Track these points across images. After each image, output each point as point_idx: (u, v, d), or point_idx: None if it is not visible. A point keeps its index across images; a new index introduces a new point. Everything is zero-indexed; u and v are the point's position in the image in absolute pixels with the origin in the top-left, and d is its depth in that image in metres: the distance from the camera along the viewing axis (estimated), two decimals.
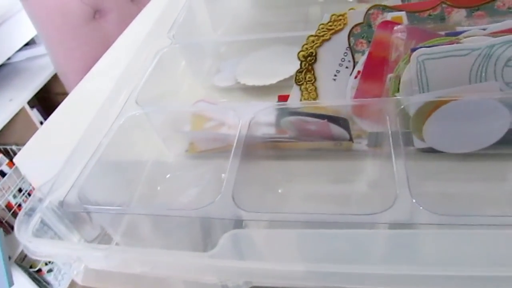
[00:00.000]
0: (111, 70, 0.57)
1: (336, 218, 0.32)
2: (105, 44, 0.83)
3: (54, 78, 1.48)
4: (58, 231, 0.39)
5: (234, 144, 0.40)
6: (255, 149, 0.45)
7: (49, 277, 1.43)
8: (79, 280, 0.40)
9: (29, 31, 1.44)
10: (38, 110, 1.60)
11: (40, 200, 0.39)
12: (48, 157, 0.54)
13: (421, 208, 0.31)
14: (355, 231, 0.32)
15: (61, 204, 0.37)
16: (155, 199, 0.48)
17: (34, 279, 1.38)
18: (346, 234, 0.33)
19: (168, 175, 0.51)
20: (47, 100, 1.64)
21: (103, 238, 0.45)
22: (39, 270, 1.41)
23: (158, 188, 0.50)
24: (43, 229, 0.38)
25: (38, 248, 0.36)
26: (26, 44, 1.55)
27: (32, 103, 1.50)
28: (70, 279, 1.45)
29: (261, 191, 0.46)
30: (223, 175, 0.39)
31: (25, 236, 0.36)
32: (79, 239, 0.42)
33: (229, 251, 0.33)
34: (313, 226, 0.34)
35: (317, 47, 0.51)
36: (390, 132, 0.40)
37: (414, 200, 0.32)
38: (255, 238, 0.34)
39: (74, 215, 0.41)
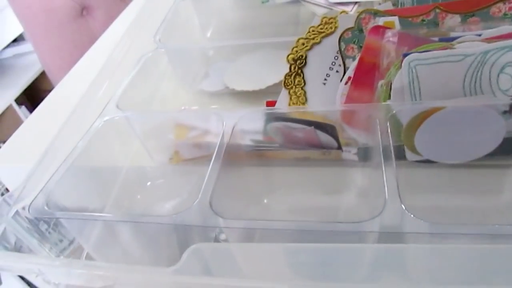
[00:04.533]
0: (92, 71, 0.54)
1: (321, 226, 0.30)
2: (93, 41, 0.81)
3: (42, 75, 1.44)
4: (26, 241, 0.37)
5: (216, 150, 0.38)
6: (238, 156, 0.42)
7: None
8: None
9: (16, 27, 1.41)
10: (26, 107, 1.56)
11: (7, 207, 0.36)
12: (24, 160, 0.52)
13: (411, 215, 0.29)
14: (338, 246, 0.30)
15: (27, 209, 0.34)
16: (133, 208, 0.46)
17: (23, 278, 1.33)
18: (328, 248, 0.30)
19: (148, 183, 0.48)
20: (35, 97, 1.60)
21: (77, 250, 0.43)
22: None
23: (138, 196, 0.47)
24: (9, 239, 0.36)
25: None
26: (14, 41, 1.52)
27: (20, 100, 1.46)
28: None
29: (244, 201, 0.43)
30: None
31: None
32: (49, 249, 0.39)
33: (193, 266, 0.31)
34: (296, 239, 0.32)
35: (307, 50, 0.49)
36: (380, 142, 0.38)
37: (403, 207, 0.30)
38: (222, 252, 0.32)
39: (44, 224, 0.38)
